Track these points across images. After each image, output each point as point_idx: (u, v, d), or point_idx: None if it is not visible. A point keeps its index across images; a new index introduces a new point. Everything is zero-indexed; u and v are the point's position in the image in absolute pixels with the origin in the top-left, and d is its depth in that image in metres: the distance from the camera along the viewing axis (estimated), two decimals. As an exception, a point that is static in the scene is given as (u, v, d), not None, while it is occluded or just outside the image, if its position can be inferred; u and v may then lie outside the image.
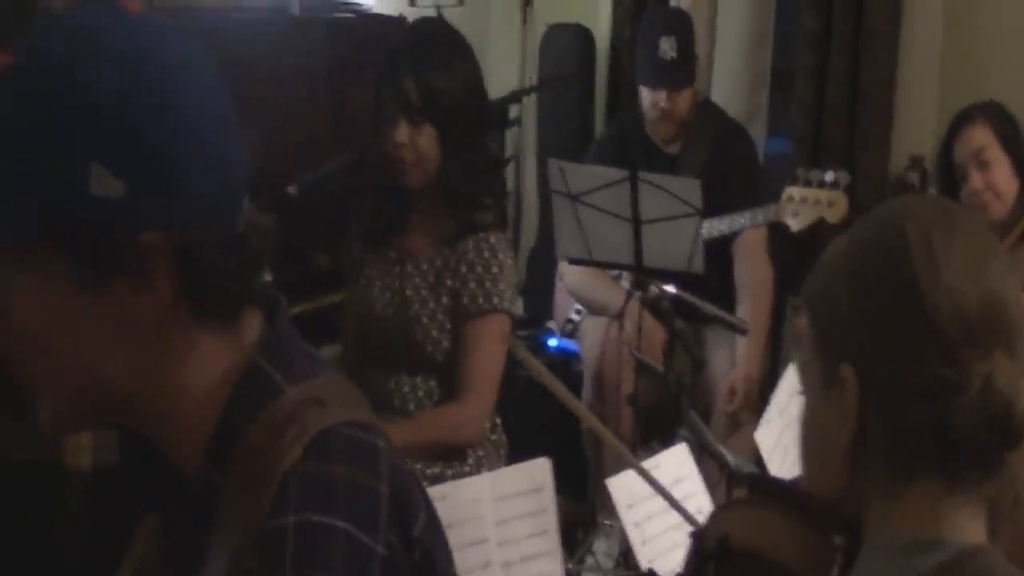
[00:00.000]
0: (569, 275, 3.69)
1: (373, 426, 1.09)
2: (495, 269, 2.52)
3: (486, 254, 2.52)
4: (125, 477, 1.34)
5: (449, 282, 2.53)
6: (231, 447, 1.03)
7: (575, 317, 3.82)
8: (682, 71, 3.67)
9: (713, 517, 1.42)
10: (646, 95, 3.73)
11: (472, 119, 2.53)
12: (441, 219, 2.57)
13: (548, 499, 1.88)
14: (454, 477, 2.39)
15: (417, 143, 2.48)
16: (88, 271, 0.99)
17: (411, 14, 4.26)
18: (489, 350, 2.50)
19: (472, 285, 2.50)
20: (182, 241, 1.00)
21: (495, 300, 2.51)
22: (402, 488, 1.06)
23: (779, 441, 2.36)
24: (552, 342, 4.02)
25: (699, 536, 1.35)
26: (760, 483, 1.44)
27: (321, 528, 0.98)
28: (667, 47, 3.65)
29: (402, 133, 2.47)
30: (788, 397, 2.39)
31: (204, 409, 1.05)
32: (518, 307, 2.64)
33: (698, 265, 3.11)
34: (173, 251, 1.00)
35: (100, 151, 0.97)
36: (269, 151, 2.93)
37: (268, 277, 1.10)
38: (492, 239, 2.53)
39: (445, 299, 2.53)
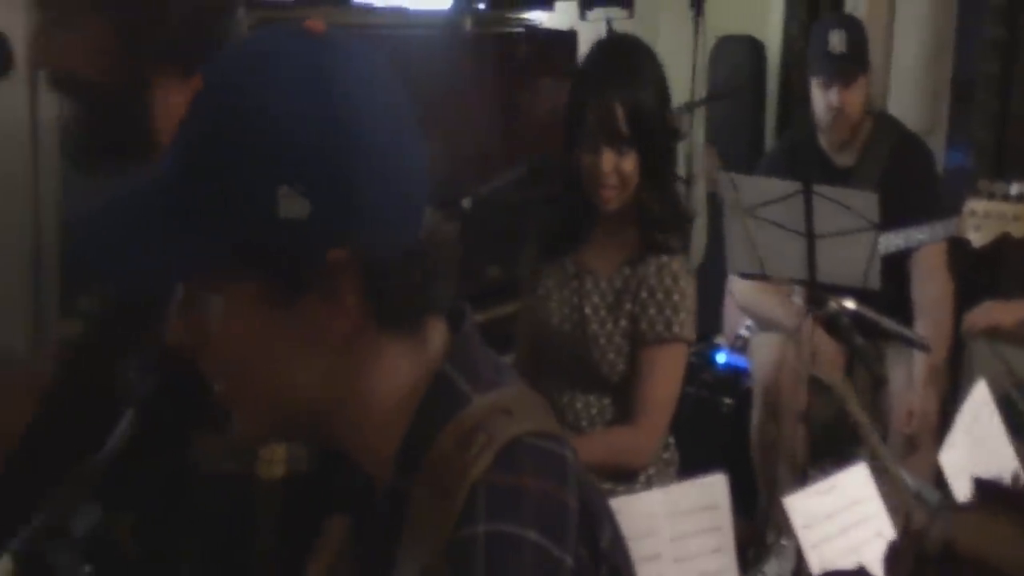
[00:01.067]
0: (740, 290, 3.63)
1: (560, 437, 1.09)
2: (676, 296, 2.49)
3: (668, 280, 2.49)
4: (317, 486, 1.37)
5: (628, 305, 2.51)
6: (419, 456, 1.04)
7: (745, 333, 3.76)
8: (851, 64, 3.60)
9: (936, 520, 1.35)
10: (817, 95, 3.66)
11: (668, 138, 2.52)
12: (625, 238, 2.55)
13: (724, 516, 1.85)
14: (625, 494, 2.37)
15: (621, 169, 2.47)
16: (279, 290, 1.01)
17: (582, 28, 4.27)
18: (666, 378, 2.48)
19: (652, 311, 2.48)
20: (367, 255, 1.01)
21: (675, 328, 2.48)
22: (589, 500, 1.06)
23: (965, 464, 2.27)
24: (720, 357, 3.96)
25: (916, 537, 1.29)
26: (992, 489, 1.37)
27: (512, 539, 0.98)
28: (837, 40, 3.59)
29: (608, 162, 2.45)
30: (973, 418, 2.30)
31: (392, 418, 1.06)
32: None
33: (874, 281, 3.02)
34: (359, 265, 1.01)
35: (287, 174, 0.98)
36: (441, 165, 2.97)
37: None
38: (675, 265, 2.51)
39: (624, 322, 2.51)
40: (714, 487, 1.88)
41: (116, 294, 1.47)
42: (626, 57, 2.55)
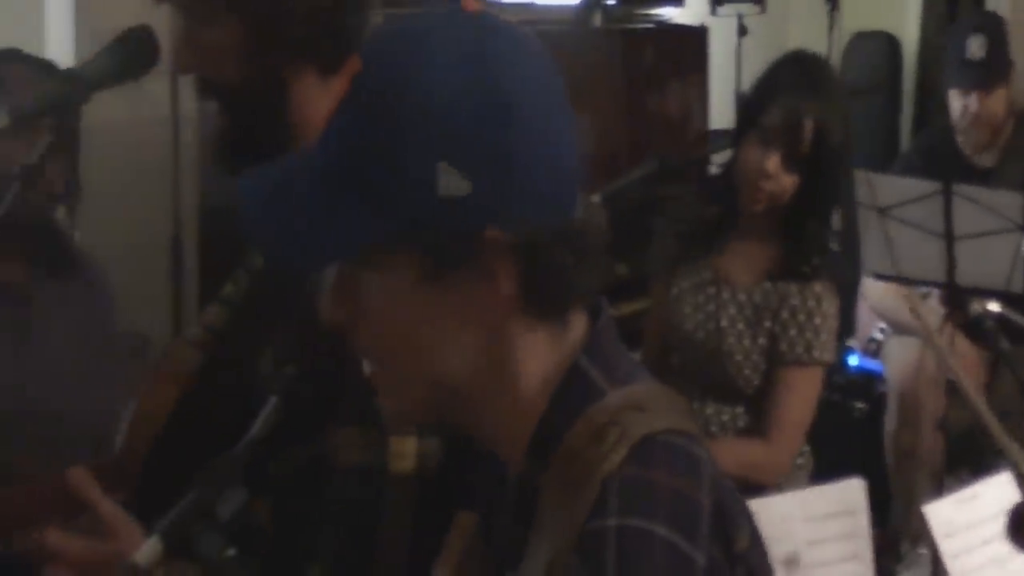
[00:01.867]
0: (873, 292, 3.55)
1: (695, 436, 1.07)
2: (818, 319, 2.44)
3: (811, 303, 2.45)
4: (447, 483, 1.38)
5: (768, 323, 2.47)
6: (552, 446, 1.03)
7: (879, 336, 3.67)
8: (991, 71, 3.49)
9: None
10: (955, 99, 3.56)
11: (840, 164, 2.48)
12: (766, 251, 2.51)
13: (862, 523, 1.81)
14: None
15: (782, 179, 2.43)
16: (434, 268, 1.01)
17: (713, 24, 4.23)
18: (802, 400, 2.45)
19: (793, 332, 2.44)
20: (522, 236, 1.01)
21: (815, 352, 2.45)
22: (724, 501, 1.04)
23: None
24: (852, 360, 3.88)
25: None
26: None
27: (642, 534, 0.97)
28: (976, 46, 3.48)
29: (774, 165, 2.42)
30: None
31: (530, 407, 1.06)
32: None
33: (1018, 284, 2.93)
34: (514, 246, 1.01)
35: (446, 152, 0.99)
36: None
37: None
38: (818, 287, 2.46)
39: (762, 340, 2.47)
40: (851, 492, 1.84)
41: (274, 269, 1.49)
42: (820, 72, 2.53)
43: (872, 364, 3.75)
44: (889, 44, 4.51)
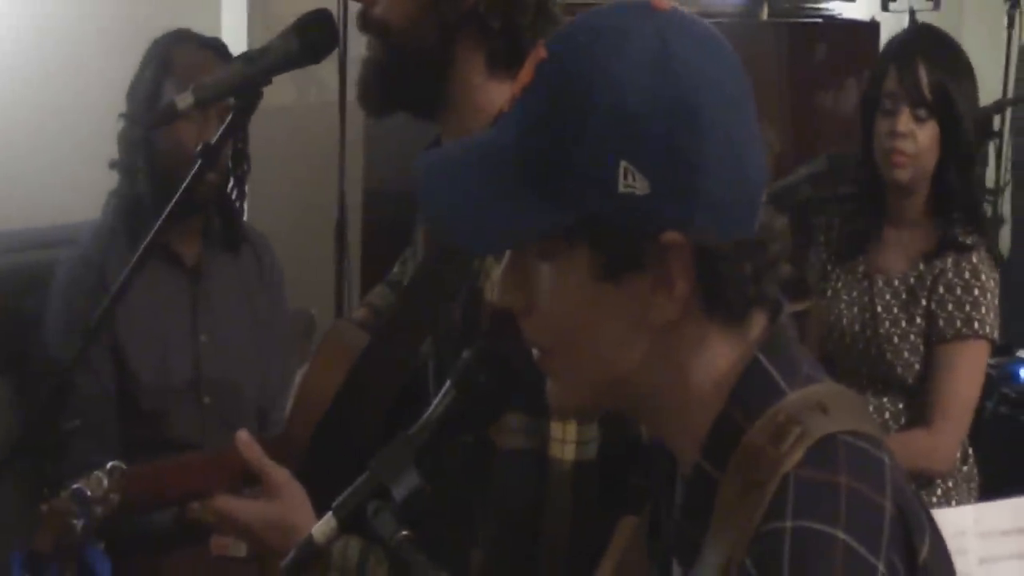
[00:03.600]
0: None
1: (878, 439, 1.04)
2: (976, 291, 2.37)
3: (967, 274, 2.38)
4: (606, 476, 1.37)
5: (924, 302, 2.41)
6: (729, 444, 1.02)
7: (1051, 347, 3.52)
8: None
9: None
10: None
11: (973, 131, 2.43)
12: (919, 234, 2.47)
13: (1037, 542, 1.74)
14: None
15: (917, 136, 2.40)
16: (610, 265, 1.01)
17: (884, 19, 4.11)
18: (965, 377, 2.37)
19: (950, 307, 2.37)
20: (701, 241, 1.00)
21: (975, 325, 2.37)
22: (907, 508, 1.01)
23: None
24: (1024, 373, 3.73)
25: None
26: None
27: (820, 536, 0.95)
28: None
29: (904, 122, 2.40)
30: None
31: (705, 404, 1.04)
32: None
33: None
34: (693, 250, 1.00)
35: (629, 150, 0.98)
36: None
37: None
38: (974, 258, 2.39)
39: (919, 320, 2.42)
40: (1027, 509, 1.77)
41: (440, 255, 1.50)
42: (935, 33, 2.53)
43: (1043, 377, 3.60)
44: (1073, 43, 4.32)
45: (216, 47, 2.50)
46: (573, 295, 1.02)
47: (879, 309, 2.47)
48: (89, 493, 1.44)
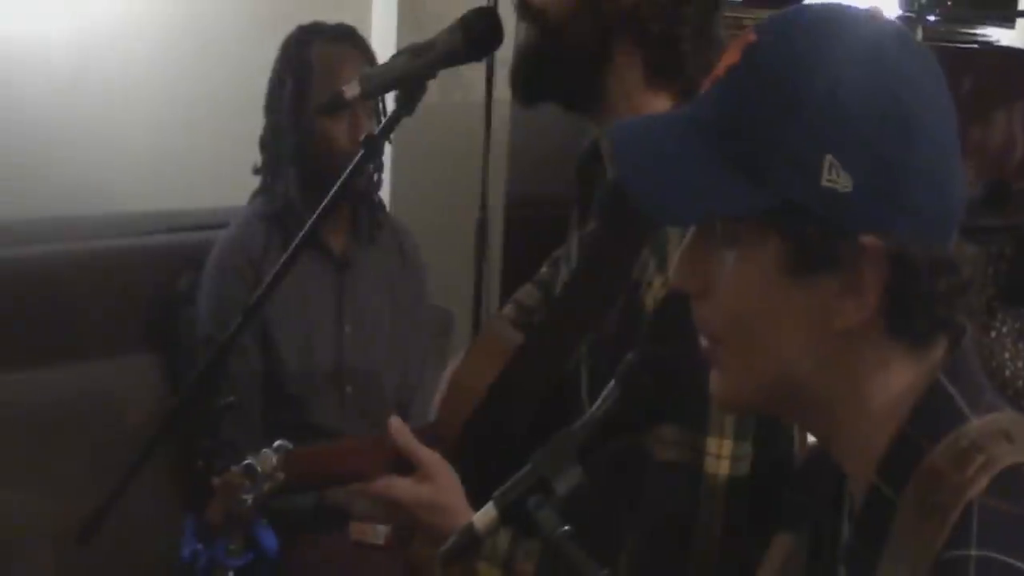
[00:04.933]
0: None
1: None
2: None
3: None
4: (760, 492, 1.35)
5: None
6: (908, 465, 0.99)
7: None
8: None
9: None
10: None
11: None
12: None
13: None
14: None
15: None
16: (800, 259, 0.98)
17: (1044, 49, 4.00)
18: None
19: None
20: (899, 249, 0.97)
21: None
22: None
23: None
24: None
25: None
26: None
27: (1006, 568, 0.92)
28: None
29: None
30: None
31: (882, 423, 1.02)
32: None
33: None
34: (888, 259, 0.97)
35: (836, 144, 0.96)
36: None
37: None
38: None
39: None
40: None
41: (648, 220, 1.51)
42: None
43: None
44: None
45: (349, 36, 2.53)
46: (755, 285, 1.00)
47: None
48: (260, 469, 1.48)
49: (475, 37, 1.56)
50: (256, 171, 2.52)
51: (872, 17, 1.01)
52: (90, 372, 2.46)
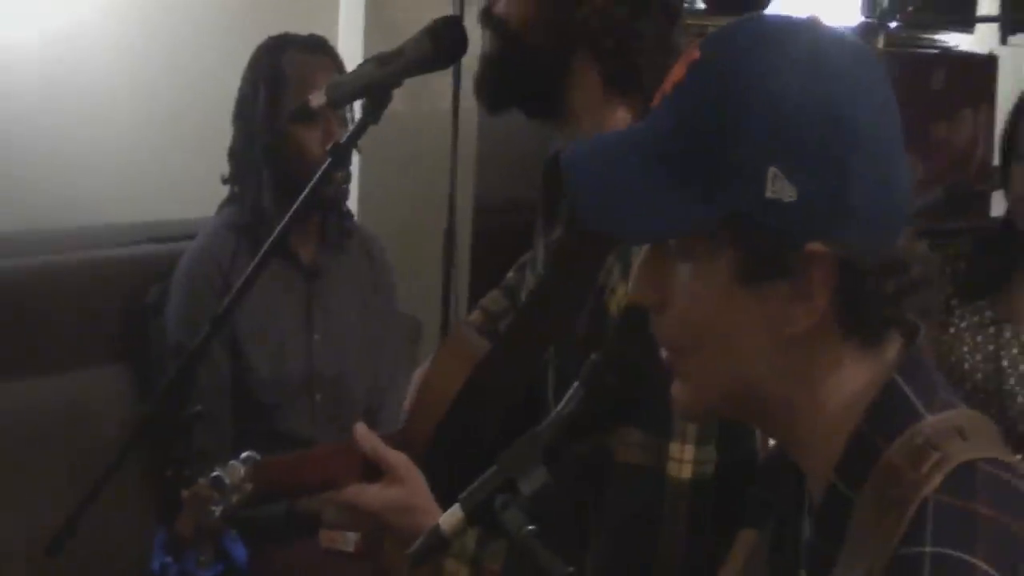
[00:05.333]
0: None
1: (1018, 469, 1.02)
2: None
3: None
4: (723, 495, 1.37)
5: None
6: (865, 464, 1.01)
7: None
8: None
9: None
10: None
11: None
12: None
13: None
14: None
15: None
16: (750, 269, 1.00)
17: (1003, 54, 4.05)
18: None
19: None
20: (845, 255, 0.99)
21: None
22: None
23: None
24: None
25: None
26: None
27: (960, 565, 0.93)
28: None
29: None
30: None
31: (838, 423, 1.04)
32: None
33: None
34: (835, 263, 0.99)
35: (779, 155, 0.98)
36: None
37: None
38: None
39: None
40: None
41: (562, 268, 1.52)
42: None
43: None
44: None
45: (321, 46, 2.55)
46: (710, 296, 1.02)
47: (1005, 363, 2.38)
48: (228, 481, 1.49)
49: (442, 45, 1.58)
50: (225, 181, 2.53)
51: (812, 25, 1.03)
52: (60, 383, 2.46)
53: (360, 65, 1.67)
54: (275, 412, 2.45)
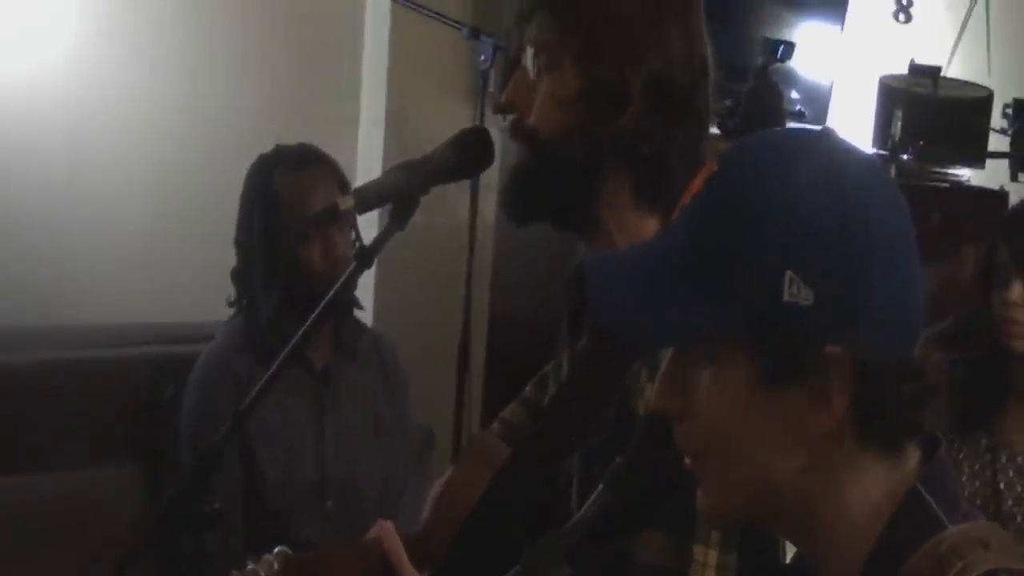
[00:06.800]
0: None
1: None
2: None
3: None
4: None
5: None
6: (889, 571, 1.01)
7: None
8: None
9: None
10: None
11: None
12: None
13: None
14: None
15: None
16: (769, 372, 1.02)
17: (1014, 190, 4.10)
18: None
19: None
20: (864, 359, 1.00)
21: None
22: None
23: None
24: None
25: None
26: None
27: None
28: None
29: (1017, 292, 2.36)
30: None
31: (860, 530, 1.04)
32: None
33: None
34: (853, 368, 1.01)
35: (796, 261, 1.00)
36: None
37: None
38: None
39: None
40: None
41: (586, 374, 1.53)
42: None
43: None
44: None
45: (312, 158, 2.55)
46: (730, 401, 1.03)
47: (1002, 486, 2.38)
48: (262, 574, 1.48)
49: (469, 154, 1.59)
50: (231, 304, 2.55)
51: (827, 136, 1.06)
52: (74, 480, 2.47)
53: (387, 172, 1.68)
54: (286, 518, 2.43)
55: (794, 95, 3.85)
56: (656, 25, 1.48)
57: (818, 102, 3.96)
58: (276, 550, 1.51)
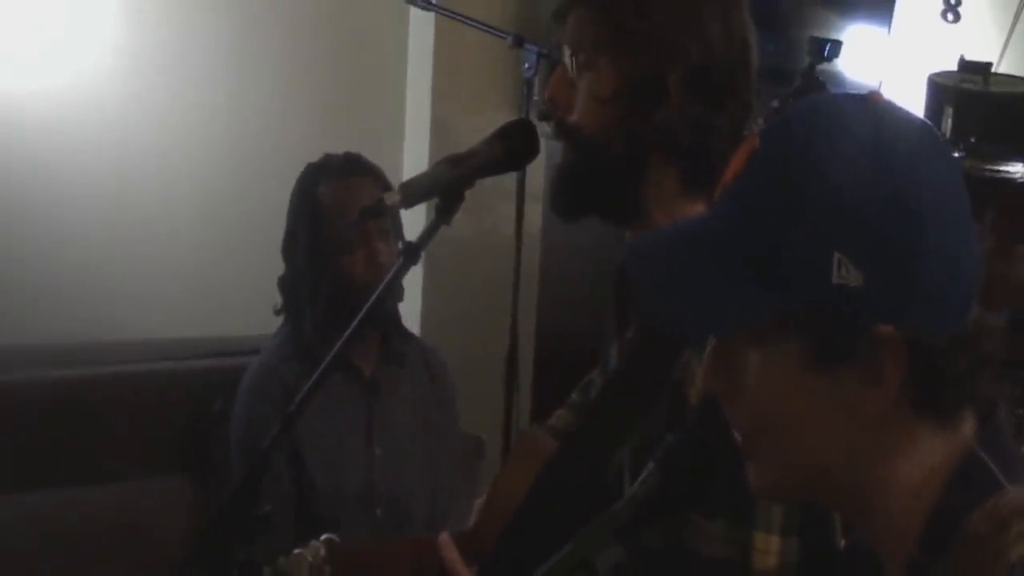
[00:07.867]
0: None
1: None
2: None
3: None
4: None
5: None
6: (947, 536, 0.99)
7: None
8: None
9: None
10: None
11: None
12: None
13: None
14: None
15: None
16: (819, 354, 1.00)
17: None
18: None
19: None
20: (915, 336, 0.98)
21: None
22: None
23: None
24: None
25: None
26: None
27: None
28: None
29: None
30: None
31: (915, 500, 1.02)
32: None
33: None
34: (905, 345, 0.98)
35: (844, 240, 0.98)
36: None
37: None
38: None
39: None
40: None
41: (634, 369, 1.51)
42: None
43: None
44: None
45: (356, 166, 2.55)
46: (781, 383, 1.02)
47: None
48: (310, 559, 1.47)
49: (515, 147, 1.59)
50: (278, 312, 2.56)
51: (871, 100, 1.02)
52: (123, 493, 2.49)
53: (433, 165, 1.68)
54: (335, 526, 2.38)
55: (841, 97, 3.82)
56: (693, 16, 1.47)
57: (866, 103, 3.92)
58: (323, 537, 1.50)
